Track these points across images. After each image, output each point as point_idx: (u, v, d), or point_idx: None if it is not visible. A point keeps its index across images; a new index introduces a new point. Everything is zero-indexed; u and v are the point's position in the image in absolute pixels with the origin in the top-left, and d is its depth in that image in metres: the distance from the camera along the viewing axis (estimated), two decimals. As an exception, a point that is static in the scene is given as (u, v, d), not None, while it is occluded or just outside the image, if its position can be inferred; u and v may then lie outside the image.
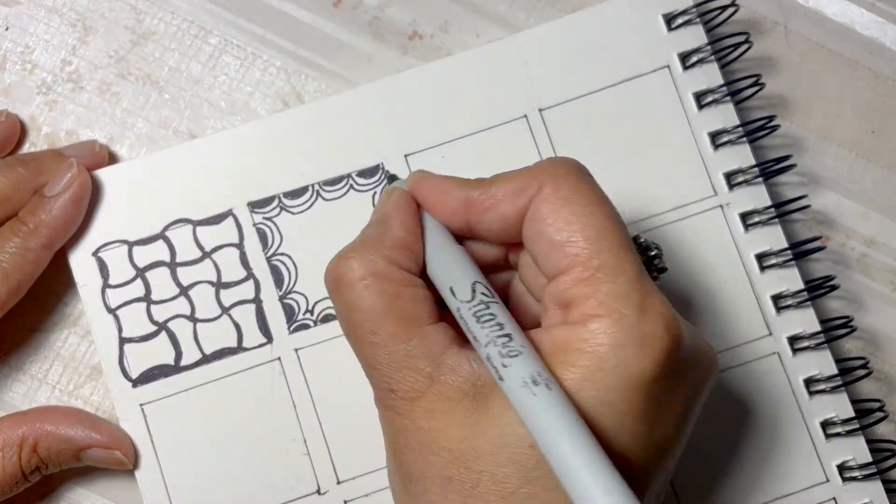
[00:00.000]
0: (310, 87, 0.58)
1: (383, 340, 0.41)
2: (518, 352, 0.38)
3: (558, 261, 0.40)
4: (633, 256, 0.40)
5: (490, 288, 0.41)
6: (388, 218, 0.44)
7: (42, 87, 0.57)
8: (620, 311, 0.39)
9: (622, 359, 0.38)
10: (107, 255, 0.54)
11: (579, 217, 0.40)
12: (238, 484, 0.53)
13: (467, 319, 0.40)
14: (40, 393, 0.56)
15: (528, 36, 0.56)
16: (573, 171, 0.42)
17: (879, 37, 0.60)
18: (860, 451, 0.55)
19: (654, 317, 0.39)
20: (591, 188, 0.42)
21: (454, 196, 0.44)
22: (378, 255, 0.42)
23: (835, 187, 0.59)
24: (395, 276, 0.42)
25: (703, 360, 0.42)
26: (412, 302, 0.42)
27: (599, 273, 0.39)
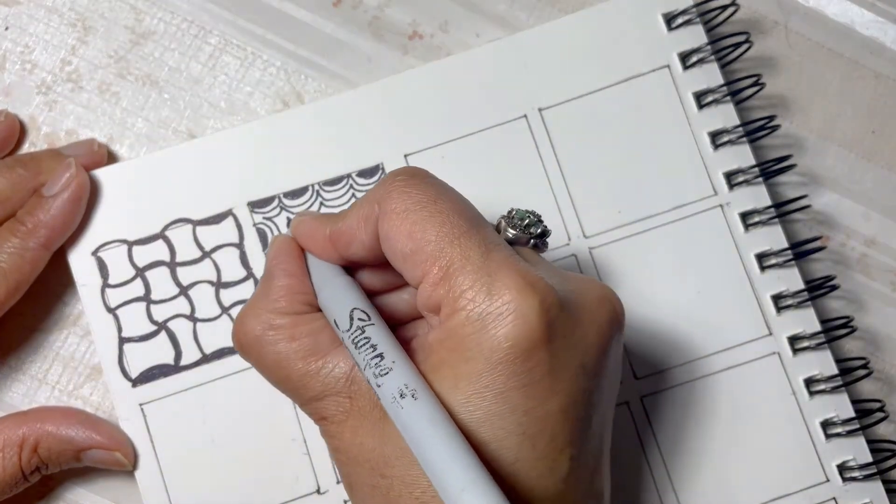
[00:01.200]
0: (310, 87, 0.58)
1: (297, 382, 0.43)
2: (388, 369, 0.39)
3: (414, 270, 0.41)
4: (478, 239, 0.40)
5: (369, 311, 0.42)
6: (271, 270, 0.46)
7: (42, 86, 0.57)
8: (472, 301, 0.39)
9: (483, 344, 0.39)
10: (106, 255, 0.54)
11: (417, 223, 0.41)
12: (238, 483, 0.53)
13: (349, 347, 0.41)
14: (40, 393, 0.56)
15: (528, 36, 0.56)
16: (404, 180, 0.42)
17: (880, 36, 0.60)
18: (860, 452, 0.55)
19: (504, 293, 0.39)
20: (424, 189, 0.42)
21: (321, 234, 0.45)
22: (266, 309, 0.44)
23: (835, 187, 0.59)
24: (284, 323, 0.43)
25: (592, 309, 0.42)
26: (309, 336, 0.43)
27: (449, 268, 0.40)
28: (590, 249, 0.55)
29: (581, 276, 0.44)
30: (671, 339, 0.55)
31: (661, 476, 0.54)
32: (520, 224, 0.45)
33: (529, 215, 0.45)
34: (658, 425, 0.55)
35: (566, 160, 0.56)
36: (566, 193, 0.55)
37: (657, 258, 0.55)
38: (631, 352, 0.55)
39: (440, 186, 0.43)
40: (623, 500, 0.54)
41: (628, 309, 0.54)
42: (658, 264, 0.55)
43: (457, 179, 0.54)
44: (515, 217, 0.45)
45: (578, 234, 0.55)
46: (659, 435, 0.55)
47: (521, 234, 0.44)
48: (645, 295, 0.55)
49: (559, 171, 0.55)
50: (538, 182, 0.55)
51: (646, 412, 0.55)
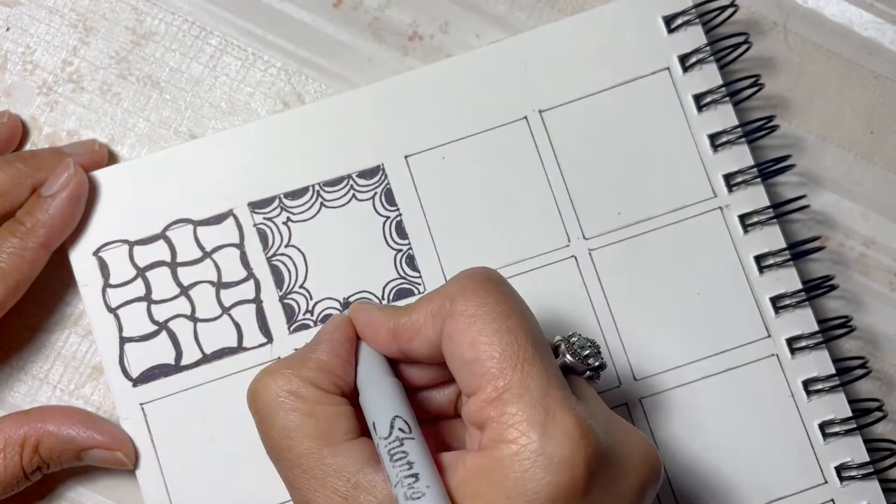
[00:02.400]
0: (310, 87, 0.58)
1: (297, 457, 0.41)
2: (421, 493, 0.38)
3: (469, 381, 0.40)
4: (541, 369, 0.40)
5: (411, 422, 0.41)
6: (318, 341, 0.45)
7: (43, 87, 0.57)
8: (525, 436, 0.38)
9: (528, 486, 0.38)
10: (107, 255, 0.54)
11: (484, 333, 0.40)
12: (238, 483, 0.53)
13: (383, 457, 0.40)
14: (41, 392, 0.56)
15: (528, 37, 0.56)
16: (480, 282, 0.42)
17: (878, 37, 0.60)
18: (858, 452, 0.55)
19: (559, 439, 0.38)
20: (499, 300, 0.41)
21: (383, 325, 0.44)
22: (296, 375, 0.43)
23: (834, 187, 0.59)
24: (309, 395, 0.42)
25: (633, 467, 0.41)
26: (327, 419, 0.42)
27: (506, 393, 0.39)
28: (589, 251, 0.55)
29: (626, 424, 0.43)
30: (670, 341, 0.55)
31: (660, 476, 0.55)
32: (579, 352, 0.44)
33: (590, 345, 0.45)
34: (657, 428, 0.55)
35: (566, 162, 0.56)
36: (566, 195, 0.55)
37: (656, 260, 0.55)
38: (630, 353, 0.55)
39: (514, 299, 0.42)
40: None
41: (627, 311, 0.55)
42: (657, 266, 0.55)
43: (457, 180, 0.55)
44: (576, 344, 0.44)
45: (578, 235, 0.55)
46: (658, 437, 0.55)
47: (578, 364, 0.44)
48: (644, 297, 0.55)
49: (559, 172, 0.55)
50: (538, 183, 0.55)
51: (645, 414, 0.55)
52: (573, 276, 0.55)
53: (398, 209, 0.55)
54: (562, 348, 0.44)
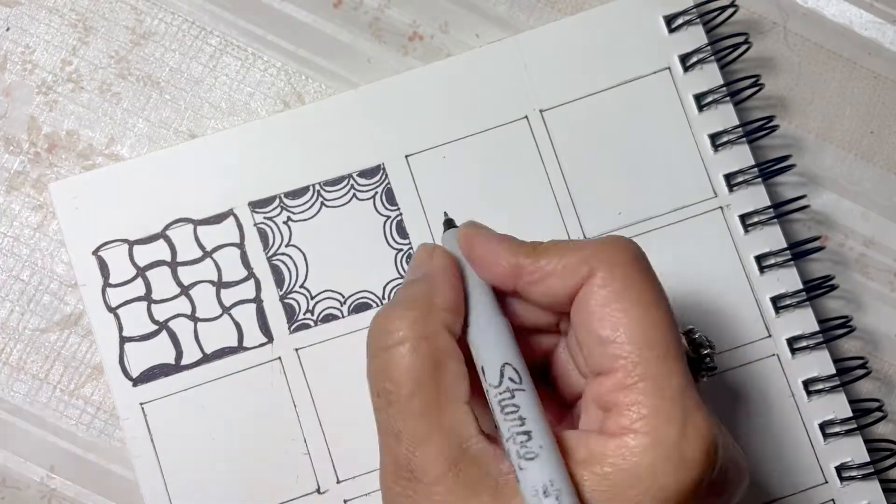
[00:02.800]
0: (310, 87, 0.58)
1: (417, 409, 0.39)
2: (535, 454, 0.37)
3: (602, 360, 0.39)
4: (681, 366, 0.38)
5: (521, 371, 0.39)
6: (434, 276, 0.42)
7: (42, 86, 0.57)
8: (661, 431, 0.37)
9: (656, 480, 0.37)
10: (107, 255, 0.54)
11: (628, 316, 0.38)
12: (238, 483, 0.53)
13: (493, 406, 0.38)
14: (41, 392, 0.56)
15: (529, 37, 0.56)
16: (630, 260, 0.40)
17: (878, 37, 0.60)
18: (858, 452, 0.55)
19: (694, 440, 0.37)
20: (646, 283, 0.40)
21: (505, 260, 0.42)
22: (430, 317, 0.40)
23: (834, 187, 0.59)
24: (443, 343, 0.40)
25: (735, 476, 0.41)
26: (453, 377, 0.40)
27: (642, 383, 0.38)
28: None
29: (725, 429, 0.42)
30: (670, 339, 0.55)
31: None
32: (700, 351, 0.44)
33: (710, 345, 0.44)
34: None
35: (567, 162, 0.56)
36: (567, 195, 0.55)
37: (657, 260, 0.54)
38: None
39: (659, 286, 0.40)
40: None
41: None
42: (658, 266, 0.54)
43: (458, 180, 0.55)
44: (697, 342, 0.44)
45: (579, 235, 0.55)
46: (658, 435, 0.55)
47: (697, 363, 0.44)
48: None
49: (560, 172, 0.55)
50: (539, 183, 0.55)
51: (645, 412, 0.55)
52: (574, 276, 0.55)
53: (399, 209, 0.55)
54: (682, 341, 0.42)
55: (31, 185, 0.57)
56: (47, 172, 0.57)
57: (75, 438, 0.56)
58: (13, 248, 0.56)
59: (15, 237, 0.56)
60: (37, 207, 0.57)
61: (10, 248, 0.56)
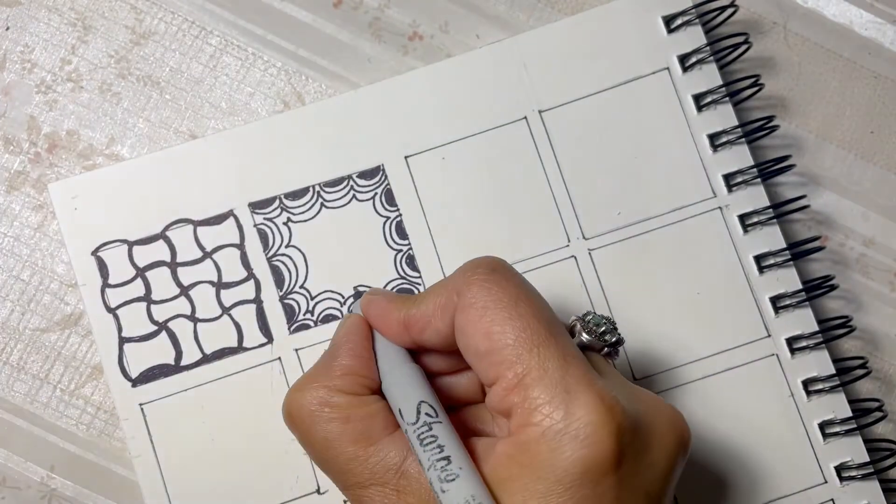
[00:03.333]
0: (310, 87, 0.58)
1: (343, 465, 0.42)
2: (455, 475, 0.38)
3: (487, 370, 0.40)
4: (557, 350, 0.40)
5: (437, 407, 0.41)
6: (338, 347, 0.45)
7: (41, 86, 0.57)
8: (549, 417, 0.38)
9: (557, 465, 0.38)
10: (106, 255, 0.54)
11: (496, 323, 0.40)
12: (238, 483, 0.53)
13: (412, 441, 0.40)
14: (41, 392, 0.56)
15: (528, 37, 0.56)
16: (486, 273, 0.42)
17: (878, 37, 0.60)
18: (858, 452, 0.55)
19: (581, 415, 0.38)
20: (506, 287, 0.41)
21: (394, 318, 0.44)
22: (324, 386, 0.43)
23: (834, 187, 0.59)
24: (340, 402, 0.43)
25: (661, 435, 0.41)
26: (363, 420, 0.42)
27: (526, 378, 0.39)
28: (589, 251, 0.55)
29: (650, 395, 0.43)
30: (670, 340, 0.55)
31: (659, 476, 0.55)
32: (595, 330, 0.44)
33: (605, 322, 0.45)
34: (657, 425, 0.55)
35: (566, 162, 0.56)
36: (566, 195, 0.55)
37: (656, 260, 0.55)
38: (630, 353, 0.55)
39: (522, 285, 0.42)
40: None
41: (628, 311, 0.55)
42: (657, 266, 0.55)
43: (457, 180, 0.55)
44: (591, 322, 0.45)
45: (578, 235, 0.55)
46: (658, 435, 0.55)
47: (595, 341, 0.44)
48: (644, 297, 0.55)
49: (559, 172, 0.55)
50: (538, 184, 0.55)
51: (645, 412, 0.55)
52: (573, 276, 0.55)
53: (398, 209, 0.55)
54: (577, 328, 0.44)
55: (32, 185, 0.57)
56: (47, 172, 0.57)
57: (75, 438, 0.56)
58: (13, 248, 0.56)
59: (15, 237, 0.56)
60: (37, 207, 0.57)
61: (10, 248, 0.56)
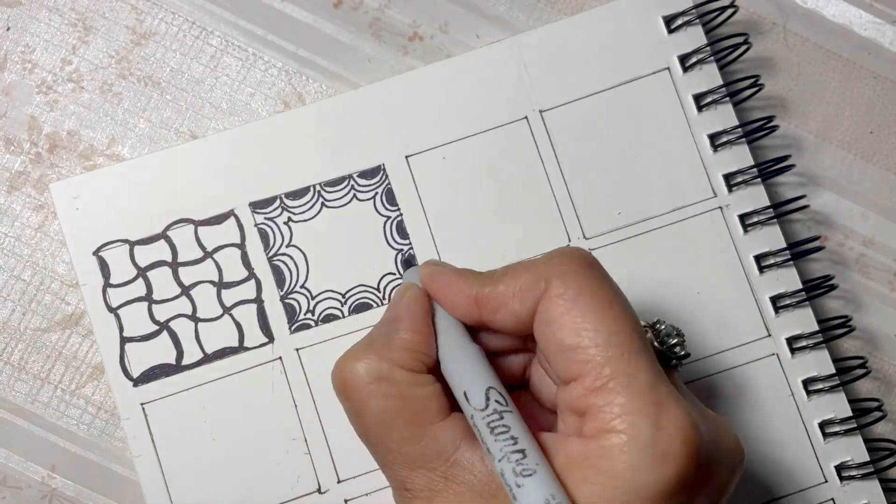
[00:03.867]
0: (311, 87, 0.58)
1: (394, 444, 0.41)
2: (532, 470, 0.37)
3: (569, 367, 0.39)
4: (647, 360, 0.39)
5: (505, 394, 0.40)
6: (398, 319, 0.43)
7: (42, 86, 0.57)
8: (636, 428, 0.37)
9: (638, 478, 0.37)
10: (108, 255, 0.54)
11: (588, 320, 0.39)
12: (239, 483, 0.53)
13: (481, 429, 0.39)
14: (42, 392, 0.56)
15: (529, 37, 0.56)
16: (581, 267, 0.41)
17: (878, 37, 0.60)
18: (858, 452, 0.55)
19: (671, 431, 0.37)
20: (601, 285, 0.40)
21: (465, 293, 0.43)
22: (384, 358, 0.42)
23: (833, 187, 0.59)
24: (400, 378, 0.41)
25: (726, 459, 0.41)
26: (419, 401, 0.41)
27: (611, 382, 0.38)
28: (590, 251, 0.55)
29: (713, 414, 0.43)
30: (671, 339, 0.55)
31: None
32: (666, 341, 0.44)
33: (676, 334, 0.44)
34: (657, 425, 0.55)
35: (567, 162, 0.56)
36: (566, 195, 0.55)
37: (657, 260, 0.55)
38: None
39: (614, 286, 0.41)
40: None
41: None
42: (657, 266, 0.55)
43: (458, 180, 0.55)
44: (663, 332, 0.44)
45: (579, 235, 0.55)
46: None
47: (666, 353, 0.44)
48: (644, 296, 0.55)
49: (559, 172, 0.55)
50: (539, 183, 0.55)
51: (645, 412, 0.55)
52: (574, 276, 0.55)
53: (399, 209, 0.55)
54: (648, 335, 0.43)
55: (33, 185, 0.57)
56: (48, 173, 0.57)
57: (76, 438, 0.56)
58: (14, 248, 0.56)
59: (16, 237, 0.56)
60: (38, 207, 0.57)
61: (11, 248, 0.56)
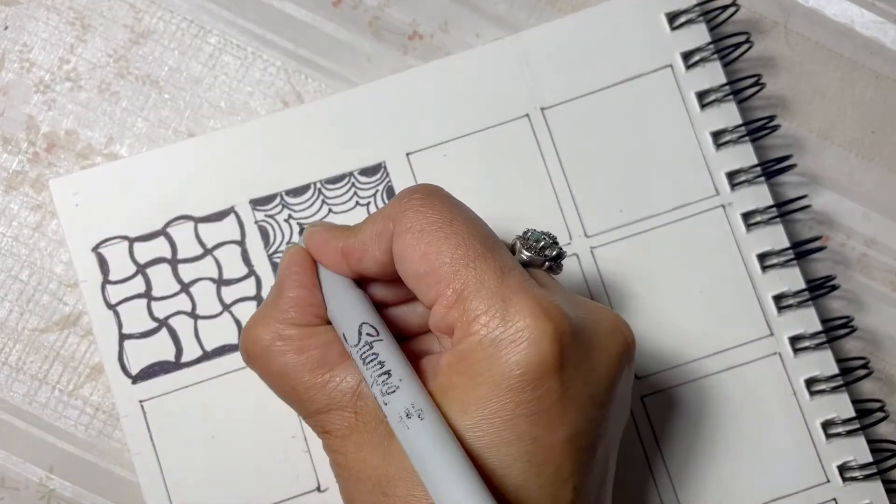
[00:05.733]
0: (310, 86, 0.58)
1: (303, 393, 0.42)
2: (395, 387, 0.39)
3: (428, 291, 0.41)
4: (494, 262, 0.40)
5: (378, 326, 0.42)
6: (282, 280, 0.45)
7: (40, 85, 0.57)
8: (486, 326, 0.39)
9: (494, 369, 0.38)
10: (107, 251, 0.54)
11: (431, 244, 0.40)
12: (238, 481, 0.53)
13: (357, 362, 0.41)
14: (40, 392, 0.55)
15: (530, 35, 0.56)
16: (419, 197, 0.42)
17: (879, 37, 0.60)
18: (860, 452, 0.55)
19: (519, 319, 0.38)
20: (439, 209, 0.42)
21: (333, 247, 0.45)
22: (276, 319, 0.44)
23: (835, 187, 0.59)
24: (293, 334, 0.43)
25: (603, 338, 0.41)
26: (318, 349, 0.43)
27: (464, 292, 0.39)
28: (591, 249, 0.55)
29: (593, 303, 0.44)
30: (672, 339, 0.55)
31: (661, 476, 0.54)
32: (535, 246, 0.44)
33: (545, 237, 0.45)
34: (659, 425, 0.55)
35: (568, 159, 0.56)
36: (568, 193, 0.55)
37: (659, 258, 0.55)
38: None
39: (456, 206, 0.42)
40: (623, 500, 0.54)
41: (630, 309, 0.55)
42: (660, 264, 0.55)
43: (459, 178, 0.55)
44: (531, 238, 0.45)
45: (580, 233, 0.55)
46: (659, 435, 0.55)
47: (535, 257, 0.44)
48: (646, 295, 0.55)
49: (561, 170, 0.55)
50: (540, 181, 0.55)
51: (646, 412, 0.55)
52: (575, 274, 0.55)
53: (400, 207, 0.55)
54: (517, 246, 0.44)
55: (30, 184, 0.56)
56: (46, 172, 0.57)
57: (74, 439, 0.55)
58: (12, 248, 0.56)
59: (14, 237, 0.56)
60: (35, 207, 0.56)
61: (8, 247, 0.56)
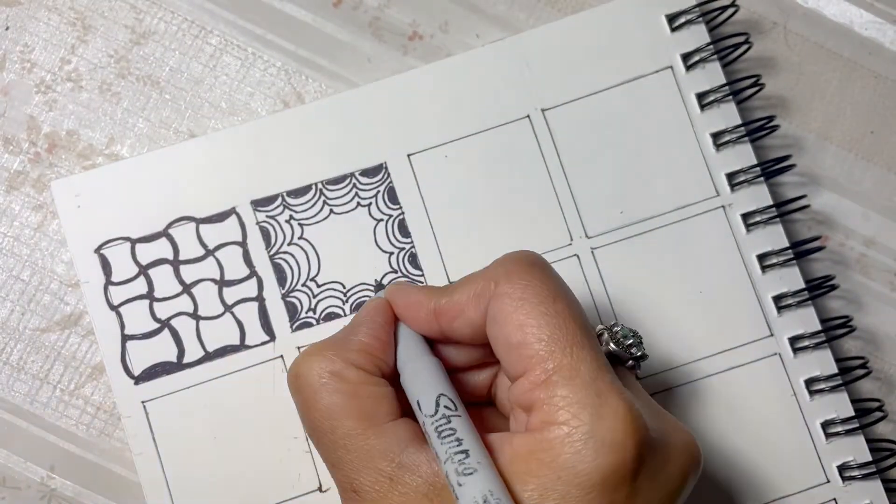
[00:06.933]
0: (310, 87, 0.58)
1: (341, 438, 0.41)
2: (473, 469, 0.38)
3: (516, 363, 0.40)
4: (590, 354, 0.40)
5: (456, 400, 0.41)
6: (358, 324, 0.45)
7: (41, 85, 0.57)
8: (576, 418, 0.38)
9: (580, 468, 0.38)
10: (109, 252, 0.54)
11: (532, 317, 0.40)
12: (240, 481, 0.53)
13: (430, 434, 0.40)
14: (41, 392, 0.55)
15: (531, 36, 0.56)
16: (525, 266, 0.42)
17: (878, 37, 0.60)
18: (860, 451, 0.55)
19: (610, 421, 0.38)
20: (545, 282, 0.41)
21: (424, 307, 0.44)
22: (339, 356, 0.43)
23: (834, 187, 0.59)
24: (352, 376, 0.42)
25: (676, 458, 0.41)
26: (370, 400, 0.42)
27: (555, 375, 0.39)
28: (592, 250, 0.55)
29: (670, 416, 0.43)
30: (672, 339, 0.55)
31: (661, 476, 0.54)
32: (622, 342, 0.44)
33: (633, 334, 0.45)
34: (659, 425, 0.55)
35: (569, 160, 0.56)
36: (569, 193, 0.55)
37: (659, 259, 0.55)
38: (633, 351, 0.55)
39: (560, 284, 0.42)
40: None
41: (630, 309, 0.55)
42: (660, 265, 0.55)
43: (460, 179, 0.55)
44: (619, 333, 0.45)
45: (581, 234, 0.55)
46: (660, 434, 0.55)
47: (621, 353, 0.44)
48: (646, 296, 0.55)
49: (562, 171, 0.55)
50: (541, 182, 0.55)
51: (647, 412, 0.55)
52: (576, 275, 0.55)
53: (401, 207, 0.55)
54: (605, 336, 0.44)
55: (32, 184, 0.56)
56: (47, 172, 0.57)
57: (75, 438, 0.55)
58: (13, 248, 0.56)
59: (15, 237, 0.56)
60: (37, 207, 0.56)
61: (10, 247, 0.56)
